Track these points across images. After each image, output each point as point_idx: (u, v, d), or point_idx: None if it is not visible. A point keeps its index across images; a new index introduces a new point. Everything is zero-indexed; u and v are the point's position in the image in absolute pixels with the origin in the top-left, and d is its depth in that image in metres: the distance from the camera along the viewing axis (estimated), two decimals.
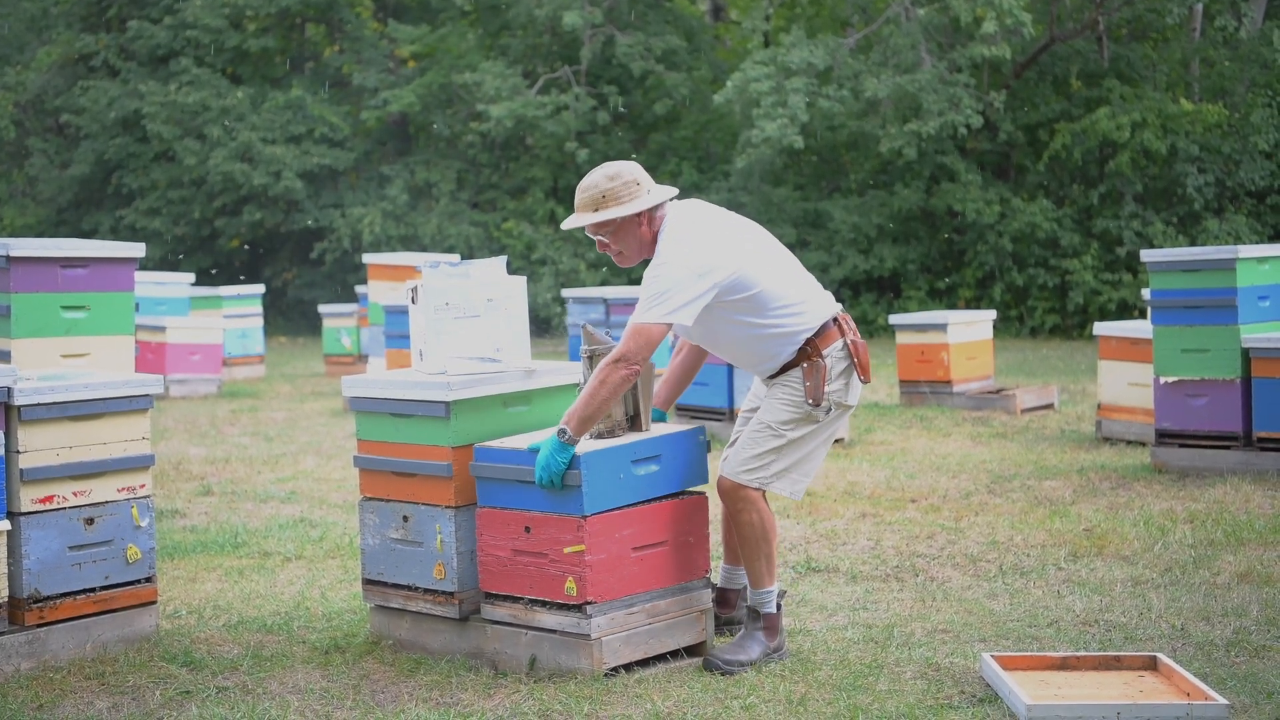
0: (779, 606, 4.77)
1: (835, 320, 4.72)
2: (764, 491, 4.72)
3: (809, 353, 4.67)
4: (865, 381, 4.76)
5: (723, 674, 4.59)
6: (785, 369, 4.70)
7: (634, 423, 4.78)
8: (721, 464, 4.77)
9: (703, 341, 4.82)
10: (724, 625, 5.09)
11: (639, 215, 4.65)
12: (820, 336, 4.67)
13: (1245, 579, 5.63)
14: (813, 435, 4.71)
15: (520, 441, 4.67)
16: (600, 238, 4.70)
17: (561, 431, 4.46)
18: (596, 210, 4.62)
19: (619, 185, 4.61)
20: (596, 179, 4.64)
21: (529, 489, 4.54)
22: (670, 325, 4.52)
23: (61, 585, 4.74)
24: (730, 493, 4.72)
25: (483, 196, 24.36)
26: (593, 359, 4.73)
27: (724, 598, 5.11)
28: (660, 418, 4.93)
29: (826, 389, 4.65)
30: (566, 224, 4.68)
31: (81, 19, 26.75)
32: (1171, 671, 4.32)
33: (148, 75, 25.14)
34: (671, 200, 4.77)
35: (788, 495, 4.76)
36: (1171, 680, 4.30)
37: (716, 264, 4.56)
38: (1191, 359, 7.93)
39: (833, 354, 4.68)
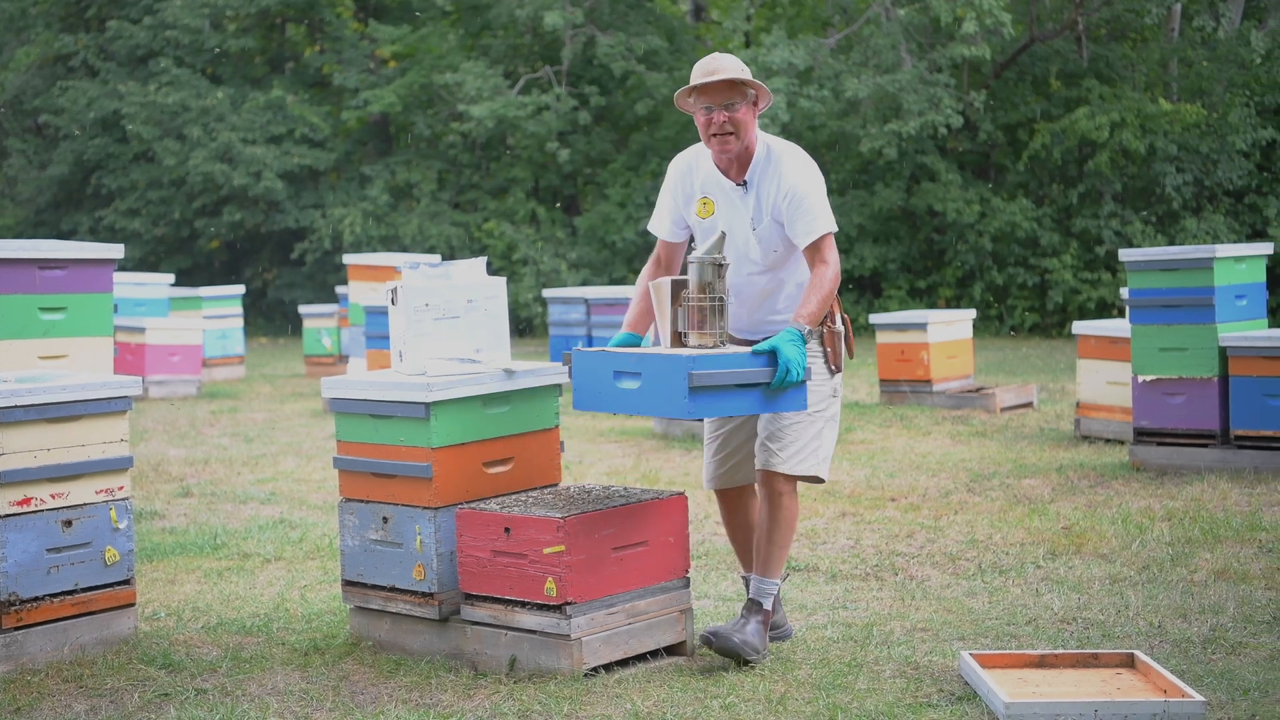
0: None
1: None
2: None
3: (824, 319, 4.74)
4: (850, 357, 4.89)
5: (724, 647, 4.58)
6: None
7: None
8: (767, 460, 4.69)
9: (774, 267, 4.74)
10: (770, 630, 4.99)
11: (757, 108, 4.68)
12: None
13: (1222, 576, 5.66)
14: (835, 409, 4.78)
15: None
16: (728, 113, 4.60)
17: (803, 330, 4.48)
18: (728, 73, 4.60)
19: (741, 64, 4.67)
20: (726, 58, 4.63)
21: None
22: None
23: (39, 588, 4.73)
24: (783, 484, 4.69)
25: (464, 197, 24.33)
26: (719, 267, 4.54)
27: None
28: (637, 342, 4.84)
29: (841, 354, 4.77)
30: (706, 77, 4.58)
31: (60, 19, 26.64)
32: (1149, 669, 4.34)
33: (127, 75, 25.05)
34: None
35: (825, 480, 4.81)
36: (1149, 677, 4.32)
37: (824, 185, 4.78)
38: (1169, 357, 7.97)
39: (838, 323, 4.78)
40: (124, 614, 4.95)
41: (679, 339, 4.58)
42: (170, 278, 15.63)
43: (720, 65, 4.62)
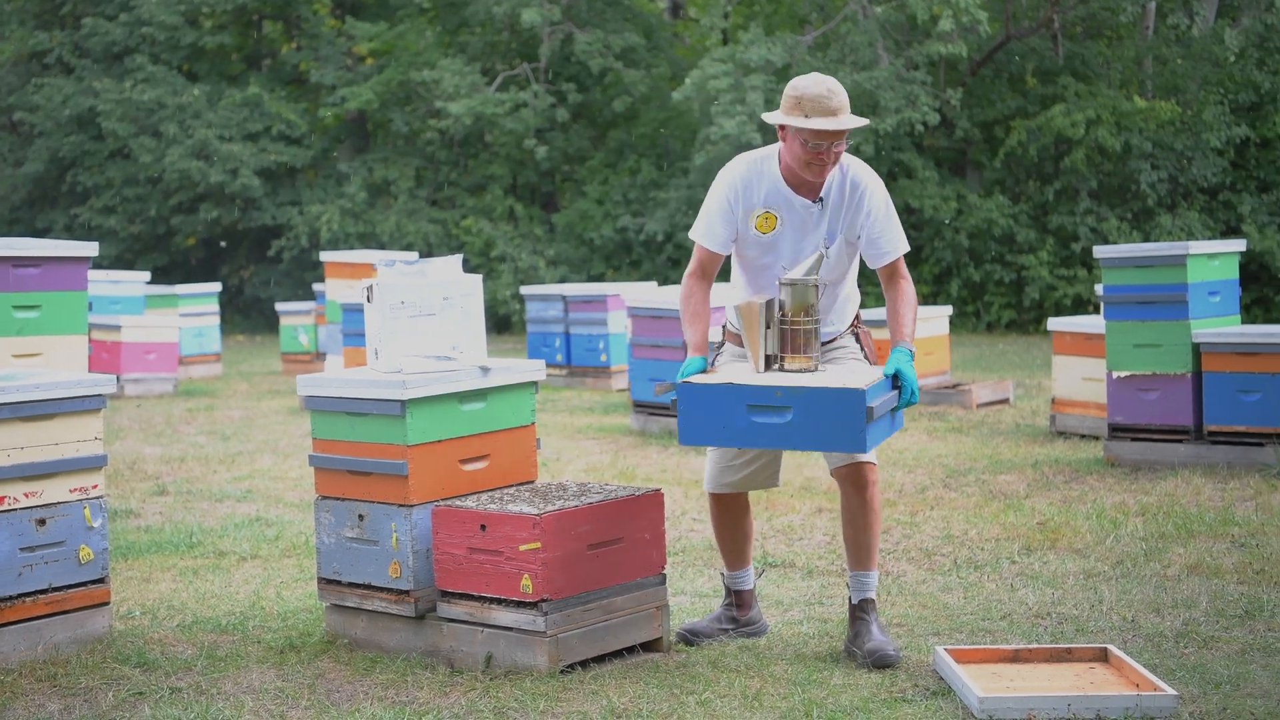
0: None
1: None
2: None
3: (857, 318, 4.89)
4: None
5: (894, 661, 4.57)
6: (840, 332, 4.82)
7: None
8: (850, 454, 4.65)
9: (834, 282, 4.73)
10: (742, 627, 5.02)
11: None
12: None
13: (1195, 571, 5.69)
14: None
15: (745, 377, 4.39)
16: (838, 150, 4.54)
17: (912, 350, 4.58)
18: (850, 115, 4.55)
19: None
20: (836, 85, 4.52)
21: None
22: None
23: (13, 587, 4.71)
24: (872, 473, 4.69)
25: (441, 194, 24.30)
26: (817, 289, 4.51)
27: (742, 600, 5.05)
28: (704, 366, 4.69)
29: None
30: (839, 125, 4.45)
31: (35, 16, 26.50)
32: (1122, 663, 4.37)
33: (102, 72, 24.94)
34: None
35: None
36: (1122, 672, 4.35)
37: None
38: (1143, 354, 8.01)
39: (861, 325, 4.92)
40: (98, 613, 4.93)
41: (770, 360, 4.51)
42: (146, 275, 15.57)
43: (843, 105, 4.49)
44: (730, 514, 4.99)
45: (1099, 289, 8.46)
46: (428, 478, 4.74)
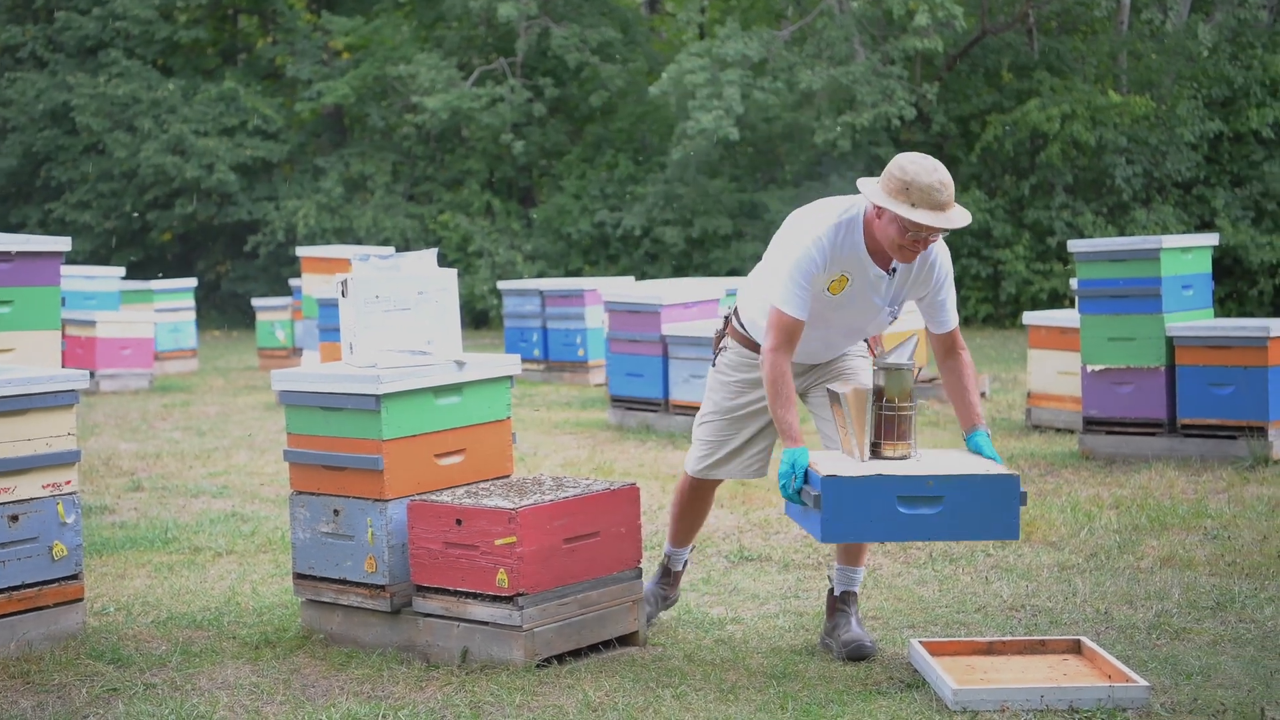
0: None
1: None
2: None
3: None
4: None
5: (869, 653, 4.61)
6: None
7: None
8: None
9: (878, 331, 4.79)
10: (666, 604, 5.11)
11: None
12: None
13: (1167, 563, 5.73)
14: None
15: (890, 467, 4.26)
16: (934, 236, 4.42)
17: (987, 432, 4.56)
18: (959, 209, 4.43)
19: None
20: (946, 177, 4.38)
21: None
22: None
23: None
24: None
25: (418, 189, 24.24)
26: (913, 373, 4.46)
27: (675, 579, 5.12)
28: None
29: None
30: (948, 224, 4.34)
31: (8, 9, 26.32)
32: (1095, 655, 4.40)
33: (76, 67, 24.79)
34: None
35: None
36: (1095, 663, 4.37)
37: None
38: (1117, 347, 8.05)
39: None
40: (72, 609, 4.92)
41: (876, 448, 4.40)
42: (121, 270, 15.48)
43: (951, 198, 4.38)
44: (700, 500, 5.02)
45: (1074, 283, 8.49)
46: (403, 472, 4.74)
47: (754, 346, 4.73)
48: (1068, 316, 9.26)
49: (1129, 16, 20.46)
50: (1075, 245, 8.25)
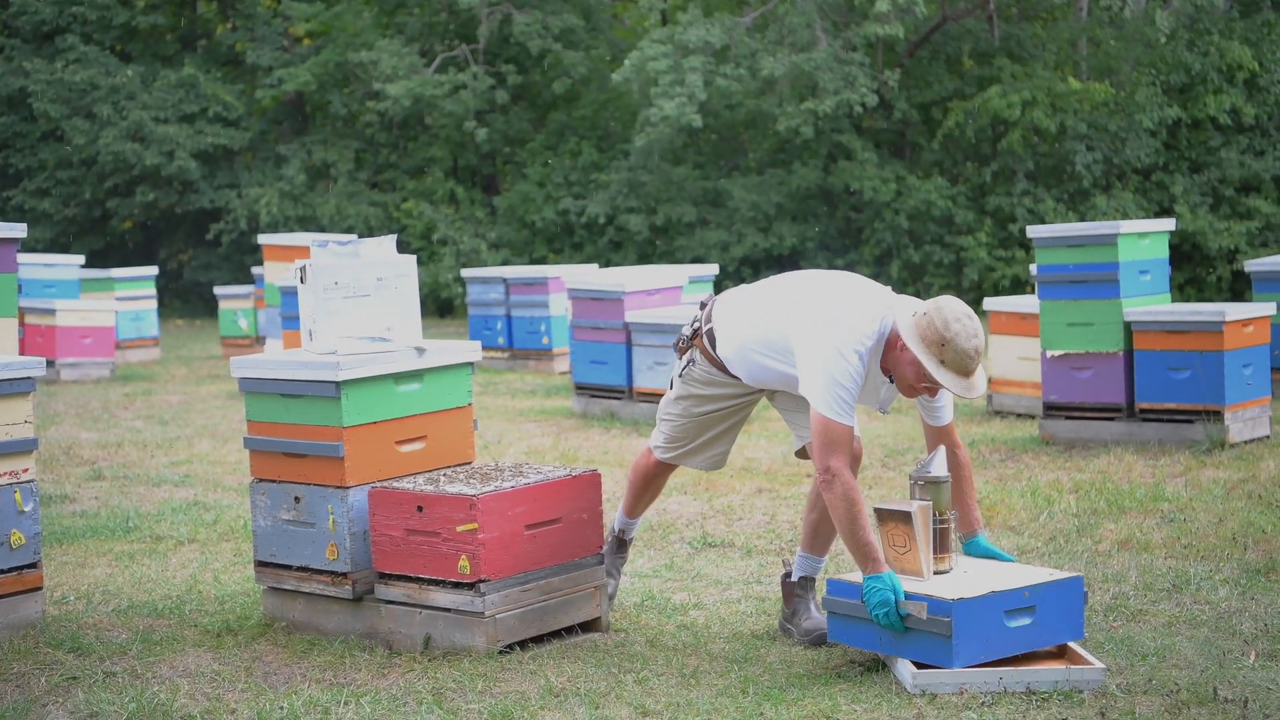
0: None
1: None
2: None
3: None
4: None
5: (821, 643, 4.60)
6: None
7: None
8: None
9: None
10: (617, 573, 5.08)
11: None
12: None
13: (1125, 546, 5.78)
14: None
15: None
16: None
17: (984, 536, 4.62)
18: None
19: None
20: (982, 344, 4.32)
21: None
22: None
23: None
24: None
25: (381, 176, 24.15)
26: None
27: (627, 548, 5.10)
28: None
29: None
30: (968, 394, 4.34)
31: None
32: None
33: (33, 52, 24.55)
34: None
35: None
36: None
37: None
38: (1076, 332, 8.11)
39: None
40: (31, 598, 4.89)
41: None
42: (80, 258, 15.37)
43: (978, 366, 4.35)
44: (661, 477, 5.02)
45: (1034, 269, 8.55)
46: (364, 459, 4.74)
47: (722, 368, 4.70)
48: (1028, 302, 9.32)
49: (1088, 3, 20.58)
50: (1034, 231, 8.30)
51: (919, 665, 4.17)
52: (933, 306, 4.33)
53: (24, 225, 5.98)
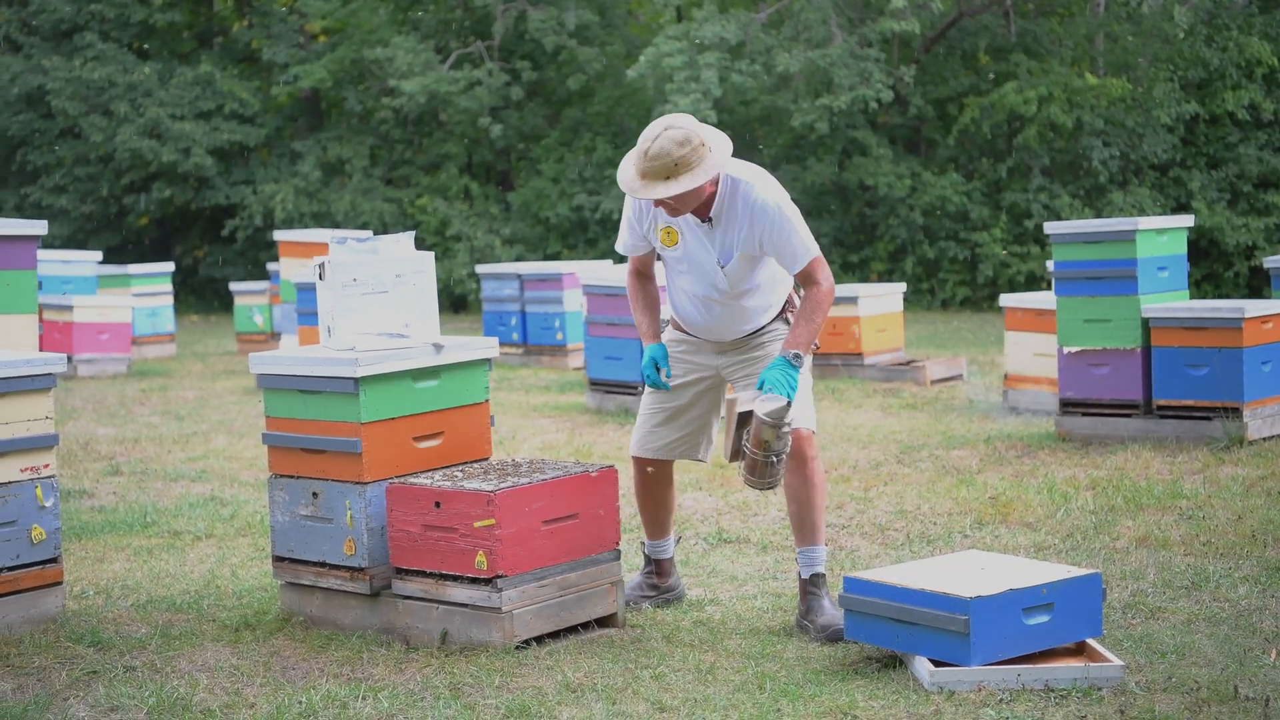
0: None
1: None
2: None
3: (788, 307, 4.91)
4: None
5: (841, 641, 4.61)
6: (767, 323, 4.87)
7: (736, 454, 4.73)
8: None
9: (740, 283, 4.75)
10: (662, 594, 5.14)
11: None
12: (791, 292, 4.97)
13: (1143, 543, 5.77)
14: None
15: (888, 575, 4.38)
16: (668, 201, 4.59)
17: (796, 356, 4.60)
18: (669, 180, 4.48)
19: (690, 151, 4.48)
20: (667, 146, 4.45)
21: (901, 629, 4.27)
22: None
23: None
24: (810, 447, 4.75)
25: (396, 173, 24.19)
26: (777, 429, 4.54)
27: (662, 568, 5.16)
28: (662, 353, 4.84)
29: None
30: (634, 192, 4.52)
31: None
32: None
33: (51, 50, 24.65)
34: None
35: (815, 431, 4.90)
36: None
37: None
38: (1094, 329, 8.09)
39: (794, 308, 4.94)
40: (51, 592, 4.92)
41: (737, 455, 4.64)
42: (98, 255, 15.44)
43: (648, 168, 4.48)
44: (655, 484, 5.08)
45: (1050, 265, 8.53)
46: (382, 455, 4.75)
47: (679, 327, 4.95)
48: (1044, 298, 9.30)
49: None
50: (1051, 227, 8.28)
51: (936, 663, 4.17)
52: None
53: (44, 222, 6.02)
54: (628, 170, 4.58)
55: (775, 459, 4.55)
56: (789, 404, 4.51)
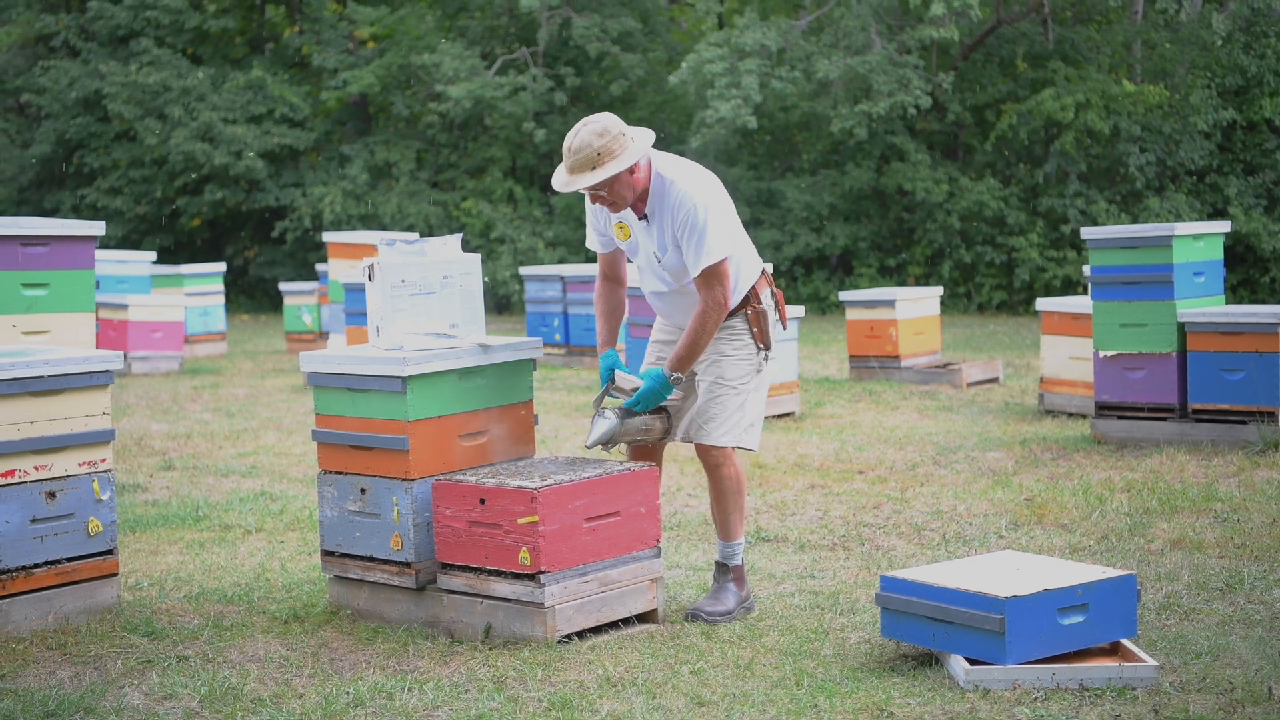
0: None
1: (763, 270, 5.02)
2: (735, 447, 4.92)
3: (749, 300, 4.95)
4: (784, 328, 5.10)
5: (707, 623, 4.82)
6: (728, 317, 4.92)
7: (667, 434, 4.98)
8: (693, 433, 4.93)
9: (682, 275, 4.87)
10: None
11: (635, 166, 4.73)
12: (757, 284, 4.97)
13: (1177, 545, 5.81)
14: (760, 385, 4.97)
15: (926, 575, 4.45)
16: (598, 191, 4.75)
17: (674, 377, 4.76)
18: (595, 169, 4.66)
19: (610, 140, 4.66)
20: (587, 138, 4.66)
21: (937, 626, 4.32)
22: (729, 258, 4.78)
23: (24, 558, 4.82)
24: (713, 454, 4.90)
25: (442, 176, 24.38)
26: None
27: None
28: (614, 359, 4.98)
29: (771, 334, 4.95)
30: (563, 187, 4.74)
31: (41, 0, 26.60)
32: None
33: (108, 55, 25.02)
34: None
35: (754, 449, 4.99)
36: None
37: (726, 202, 4.85)
38: (1130, 333, 8.13)
39: (766, 301, 4.97)
40: (107, 584, 5.04)
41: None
42: (152, 255, 15.67)
43: (572, 163, 4.69)
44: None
45: (1087, 270, 8.57)
46: (428, 452, 4.85)
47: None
48: (1080, 303, 9.34)
49: (1143, 6, 20.46)
50: (1088, 232, 8.33)
51: (972, 661, 4.23)
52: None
53: (102, 224, 6.13)
54: (558, 171, 4.78)
55: (607, 445, 4.85)
56: (618, 426, 4.79)
